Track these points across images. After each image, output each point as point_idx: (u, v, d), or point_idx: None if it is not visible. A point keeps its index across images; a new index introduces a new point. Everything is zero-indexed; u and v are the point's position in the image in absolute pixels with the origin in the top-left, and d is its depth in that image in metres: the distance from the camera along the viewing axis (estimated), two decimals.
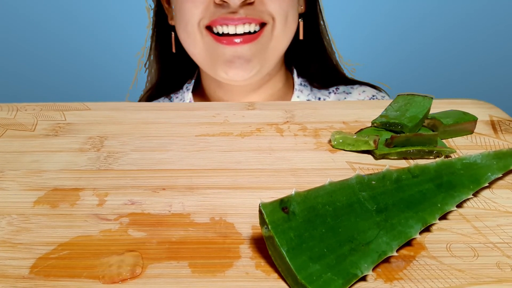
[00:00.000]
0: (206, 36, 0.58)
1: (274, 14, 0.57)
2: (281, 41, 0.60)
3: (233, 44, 0.57)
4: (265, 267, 0.25)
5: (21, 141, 0.40)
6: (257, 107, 0.46)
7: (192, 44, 0.59)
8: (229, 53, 0.57)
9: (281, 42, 0.60)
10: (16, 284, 0.24)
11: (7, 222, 0.29)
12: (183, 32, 0.59)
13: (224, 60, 0.58)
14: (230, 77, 0.58)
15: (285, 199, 0.25)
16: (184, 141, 0.40)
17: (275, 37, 0.58)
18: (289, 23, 0.59)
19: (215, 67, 0.59)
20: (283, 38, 0.60)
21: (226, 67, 0.58)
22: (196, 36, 0.58)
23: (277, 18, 0.57)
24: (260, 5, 0.56)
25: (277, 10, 0.57)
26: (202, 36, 0.58)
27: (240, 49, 0.57)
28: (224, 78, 0.59)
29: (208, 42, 0.58)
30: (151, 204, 0.31)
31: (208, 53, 0.58)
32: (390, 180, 0.29)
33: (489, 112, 0.45)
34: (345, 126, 0.43)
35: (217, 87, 0.65)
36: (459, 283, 0.24)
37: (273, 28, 0.58)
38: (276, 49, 0.60)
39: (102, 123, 0.43)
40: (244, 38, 0.57)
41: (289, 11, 0.58)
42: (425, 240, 0.27)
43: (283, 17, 0.57)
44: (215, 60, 0.58)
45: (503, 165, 0.33)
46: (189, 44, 0.60)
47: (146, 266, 0.25)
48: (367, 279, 0.24)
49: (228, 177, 0.34)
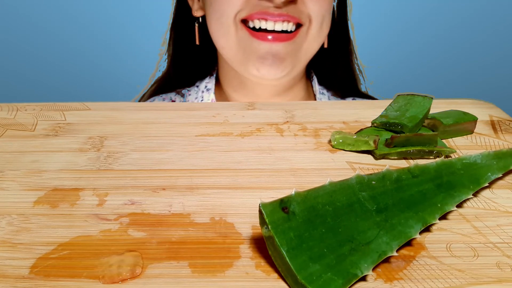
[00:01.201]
0: (240, 30, 0.56)
1: (312, 16, 0.56)
2: (313, 44, 0.59)
3: (267, 41, 0.55)
4: (265, 267, 0.25)
5: (21, 141, 0.40)
6: (257, 107, 0.46)
7: (224, 36, 0.57)
8: (264, 49, 0.56)
9: (314, 45, 0.59)
10: (16, 284, 0.24)
11: (7, 222, 0.29)
12: (216, 23, 0.57)
13: (257, 56, 0.56)
14: (261, 74, 0.57)
15: (285, 199, 0.25)
16: (184, 141, 0.40)
17: (309, 39, 0.58)
18: (324, 27, 0.59)
19: (246, 62, 0.57)
20: (316, 41, 0.59)
21: (259, 63, 0.56)
22: (230, 28, 0.56)
23: (314, 20, 0.57)
24: (301, 5, 0.55)
25: (316, 12, 0.56)
26: (237, 29, 0.56)
27: (275, 47, 0.56)
28: (255, 75, 0.57)
29: (242, 36, 0.56)
30: (151, 204, 0.31)
31: (241, 48, 0.57)
32: (390, 180, 0.29)
33: (489, 112, 0.45)
34: (345, 126, 0.43)
35: (239, 87, 0.63)
36: (459, 283, 0.24)
37: (308, 30, 0.57)
38: (308, 52, 0.59)
39: (102, 123, 0.43)
40: (279, 36, 0.55)
41: (326, 15, 0.58)
42: (425, 240, 0.27)
43: (320, 20, 0.57)
44: (247, 55, 0.57)
45: (503, 165, 0.33)
46: (221, 36, 0.58)
47: (146, 266, 0.25)
48: (367, 279, 0.24)
49: (228, 177, 0.34)
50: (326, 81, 0.70)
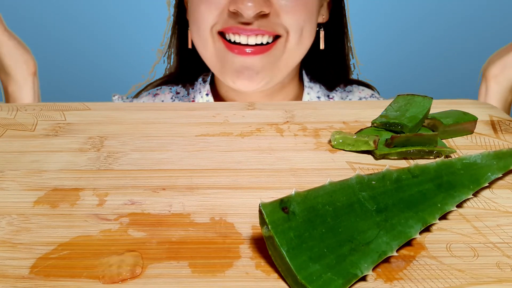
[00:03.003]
0: (217, 42, 0.57)
1: (289, 27, 0.55)
2: (293, 55, 0.58)
3: (243, 54, 0.56)
4: (265, 267, 0.25)
5: (21, 141, 0.40)
6: (257, 107, 0.46)
7: (203, 47, 0.59)
8: (239, 63, 0.56)
9: (294, 56, 0.58)
10: (16, 284, 0.24)
11: (7, 222, 0.29)
12: (196, 34, 0.59)
13: (233, 69, 0.57)
14: (237, 86, 0.58)
15: (285, 199, 0.25)
16: (184, 141, 0.40)
17: (287, 50, 0.57)
18: (304, 37, 0.57)
19: (224, 74, 0.58)
20: (296, 52, 0.58)
21: (234, 77, 0.57)
22: (207, 40, 0.57)
23: (291, 32, 0.56)
24: (274, 17, 0.55)
25: (291, 23, 0.55)
26: (214, 41, 0.57)
27: (250, 60, 0.56)
28: (231, 86, 0.59)
29: (219, 47, 0.57)
30: (151, 204, 0.31)
31: (218, 59, 0.58)
32: (390, 180, 0.29)
33: (489, 112, 0.45)
34: (345, 126, 0.43)
35: (229, 89, 0.65)
36: (459, 283, 0.24)
37: (286, 41, 0.56)
38: (288, 62, 0.59)
39: (102, 123, 0.43)
40: (255, 49, 0.56)
41: (305, 25, 0.56)
42: (425, 240, 0.27)
43: (297, 30, 0.56)
44: (224, 67, 0.58)
45: (503, 165, 0.33)
46: (200, 46, 0.59)
47: (146, 266, 0.25)
48: (367, 279, 0.24)
49: (228, 177, 0.34)
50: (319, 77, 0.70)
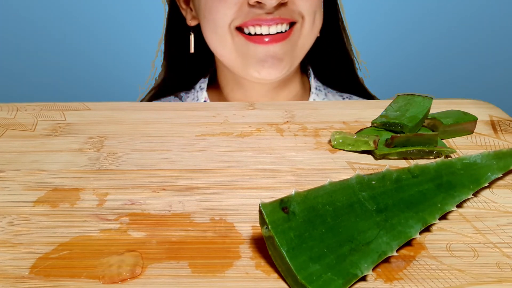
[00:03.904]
0: (236, 37, 0.57)
1: (304, 13, 0.57)
2: (308, 40, 0.60)
3: (264, 43, 0.57)
4: (265, 267, 0.25)
5: (21, 141, 0.40)
6: (257, 107, 0.46)
7: (221, 45, 0.59)
8: (262, 52, 0.57)
9: (309, 39, 0.60)
10: (16, 284, 0.24)
11: (7, 222, 0.29)
12: (212, 34, 0.59)
13: (257, 60, 0.57)
14: (262, 76, 0.58)
15: (285, 199, 0.25)
16: (184, 141, 0.40)
17: (303, 35, 0.59)
18: (317, 21, 0.60)
19: (246, 67, 0.58)
20: (311, 36, 0.60)
21: (259, 66, 0.57)
22: (226, 37, 0.57)
23: (306, 17, 0.58)
24: (292, 5, 0.56)
25: (307, 9, 0.57)
26: (233, 37, 0.57)
27: (272, 49, 0.57)
28: (256, 77, 0.59)
29: (238, 42, 0.58)
30: (151, 204, 0.31)
31: (239, 54, 0.58)
32: (390, 180, 0.29)
33: (489, 112, 0.45)
34: (345, 126, 0.43)
35: (236, 87, 0.65)
36: (459, 283, 0.24)
37: (302, 27, 0.58)
38: (304, 47, 0.60)
39: (102, 123, 0.43)
40: (274, 37, 0.57)
41: (317, 9, 0.59)
42: (425, 240, 0.27)
43: (312, 15, 0.58)
44: (246, 60, 0.58)
45: (503, 165, 0.33)
46: (218, 45, 0.59)
47: (146, 266, 0.25)
48: (367, 279, 0.24)
49: (228, 177, 0.34)
50: (323, 72, 0.70)
